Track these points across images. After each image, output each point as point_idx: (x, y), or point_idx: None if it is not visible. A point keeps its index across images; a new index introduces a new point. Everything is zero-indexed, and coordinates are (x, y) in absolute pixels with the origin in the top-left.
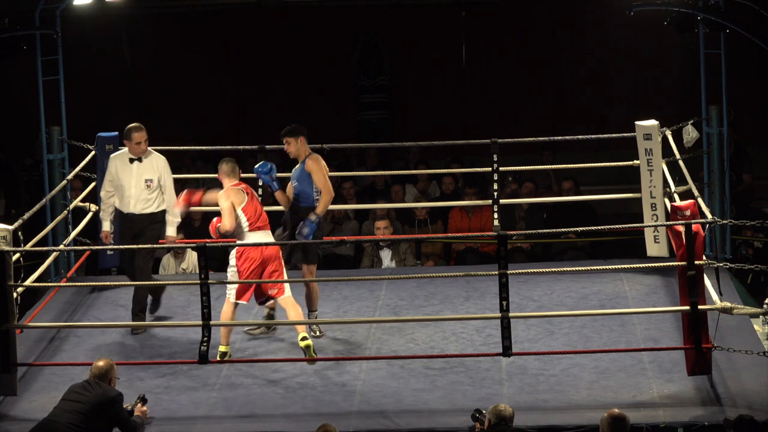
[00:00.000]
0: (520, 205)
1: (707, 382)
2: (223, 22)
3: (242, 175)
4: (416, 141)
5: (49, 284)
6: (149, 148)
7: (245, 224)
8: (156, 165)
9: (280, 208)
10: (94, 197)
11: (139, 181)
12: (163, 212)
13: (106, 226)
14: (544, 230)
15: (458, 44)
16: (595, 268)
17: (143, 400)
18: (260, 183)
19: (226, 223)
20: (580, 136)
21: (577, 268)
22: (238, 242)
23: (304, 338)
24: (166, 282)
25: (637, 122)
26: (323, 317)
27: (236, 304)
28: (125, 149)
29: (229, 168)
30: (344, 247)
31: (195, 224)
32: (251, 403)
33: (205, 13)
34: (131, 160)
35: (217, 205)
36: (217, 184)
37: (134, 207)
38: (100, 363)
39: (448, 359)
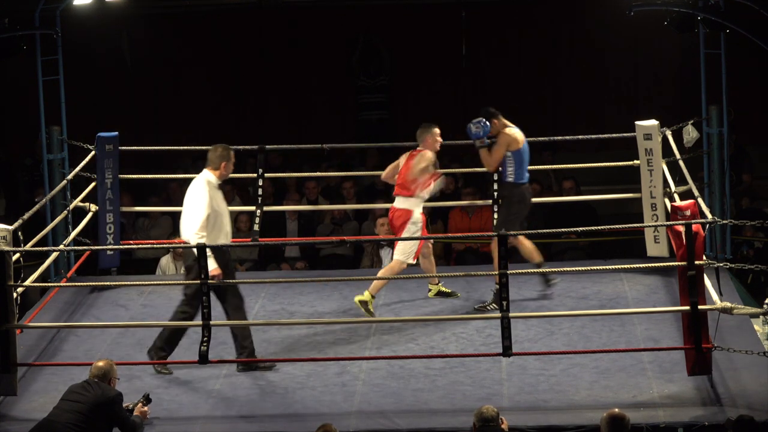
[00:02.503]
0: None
1: (707, 382)
2: (223, 21)
3: (241, 175)
4: (416, 141)
5: (49, 284)
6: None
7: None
8: None
9: (282, 208)
10: (94, 197)
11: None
12: None
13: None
14: (544, 230)
15: (458, 44)
16: (595, 268)
17: (147, 399)
18: (260, 183)
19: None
20: (580, 136)
21: (577, 268)
22: (414, 210)
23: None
24: (170, 281)
25: (637, 122)
26: (323, 317)
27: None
28: (208, 174)
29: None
30: (344, 247)
31: None
32: (251, 403)
33: (205, 13)
34: (220, 186)
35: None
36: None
37: (227, 238)
38: (100, 363)
39: (448, 359)
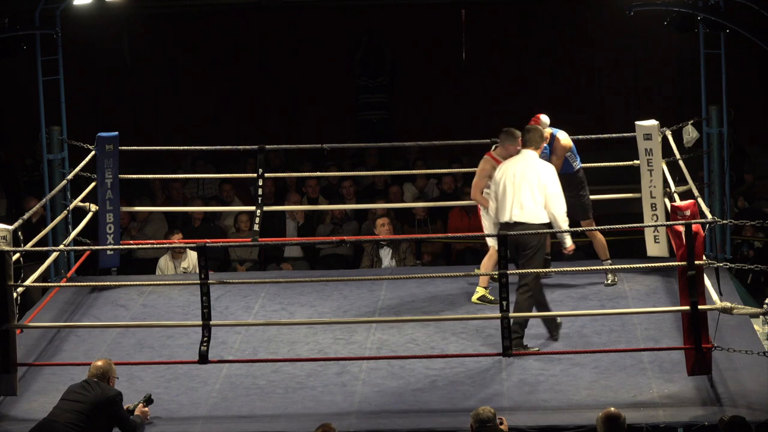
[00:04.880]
0: None
1: (707, 382)
2: (223, 21)
3: (241, 175)
4: (416, 141)
5: (49, 284)
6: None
7: None
8: None
9: (283, 208)
10: (94, 197)
11: None
12: None
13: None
14: (544, 230)
15: (458, 44)
16: (595, 268)
17: (149, 400)
18: (260, 183)
19: None
20: (580, 136)
21: (577, 268)
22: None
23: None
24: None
25: (637, 122)
26: (323, 317)
27: None
28: (533, 153)
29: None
30: (344, 247)
31: (195, 224)
32: (251, 403)
33: (205, 13)
34: None
35: None
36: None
37: None
38: (99, 363)
39: (448, 359)
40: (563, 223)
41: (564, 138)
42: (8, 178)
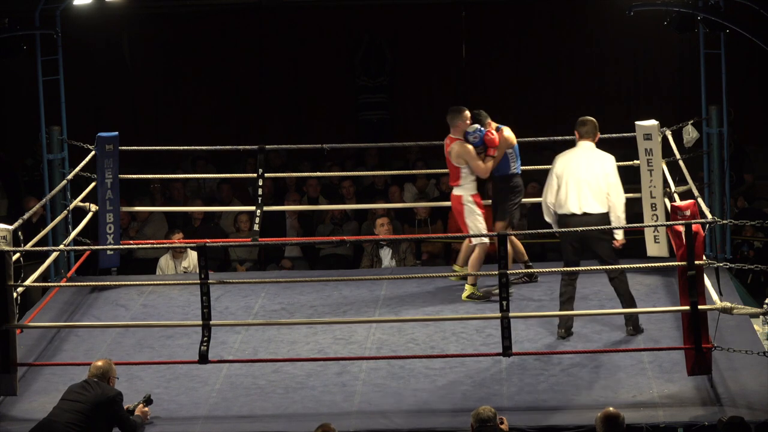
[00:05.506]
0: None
1: (707, 382)
2: (223, 21)
3: (241, 175)
4: (416, 141)
5: (49, 284)
6: None
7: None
8: None
9: (283, 208)
10: (94, 197)
11: None
12: None
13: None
14: (544, 230)
15: (458, 44)
16: (595, 268)
17: (148, 400)
18: (260, 183)
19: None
20: None
21: (577, 268)
22: None
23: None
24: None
25: (637, 122)
26: (323, 317)
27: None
28: (591, 144)
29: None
30: (344, 247)
31: (195, 224)
32: (251, 403)
33: (205, 13)
34: None
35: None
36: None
37: None
38: (99, 363)
39: (448, 359)
40: (621, 213)
41: (508, 133)
42: (10, 179)
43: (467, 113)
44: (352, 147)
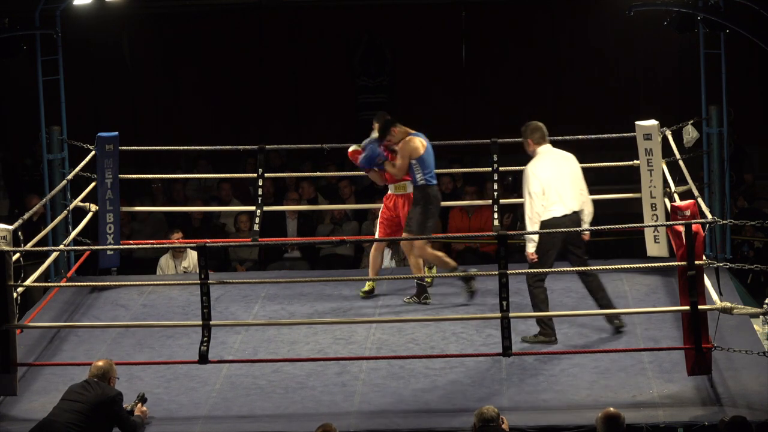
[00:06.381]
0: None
1: (707, 382)
2: (223, 21)
3: (241, 175)
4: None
5: (50, 284)
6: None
7: None
8: None
9: (283, 208)
10: (94, 197)
11: None
12: None
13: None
14: (544, 230)
15: (458, 44)
16: (595, 268)
17: (143, 399)
18: (260, 183)
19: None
20: (580, 136)
21: (576, 268)
22: None
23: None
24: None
25: (637, 122)
26: (323, 317)
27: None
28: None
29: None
30: (344, 247)
31: (195, 224)
32: (251, 403)
33: (205, 13)
34: None
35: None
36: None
37: None
38: (100, 363)
39: (448, 359)
40: (589, 213)
41: (415, 143)
42: (12, 179)
43: (381, 124)
44: None
